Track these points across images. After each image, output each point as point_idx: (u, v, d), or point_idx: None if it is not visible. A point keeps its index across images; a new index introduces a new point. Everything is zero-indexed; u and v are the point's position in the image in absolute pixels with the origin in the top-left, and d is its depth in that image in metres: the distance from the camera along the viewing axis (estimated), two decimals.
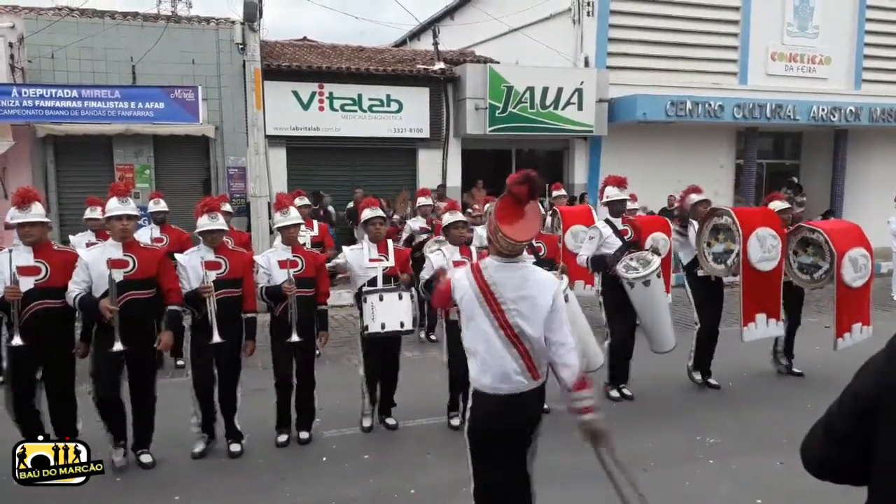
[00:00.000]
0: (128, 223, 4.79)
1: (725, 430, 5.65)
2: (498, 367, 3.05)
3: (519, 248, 3.11)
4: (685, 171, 15.15)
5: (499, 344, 3.05)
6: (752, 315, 6.31)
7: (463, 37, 19.15)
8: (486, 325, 3.06)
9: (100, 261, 4.62)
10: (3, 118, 11.65)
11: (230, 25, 13.35)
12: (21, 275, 4.46)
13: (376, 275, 5.42)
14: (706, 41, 16.41)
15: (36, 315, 4.50)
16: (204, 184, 13.64)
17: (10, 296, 4.40)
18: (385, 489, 4.61)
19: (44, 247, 4.67)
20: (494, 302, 3.03)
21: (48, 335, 4.55)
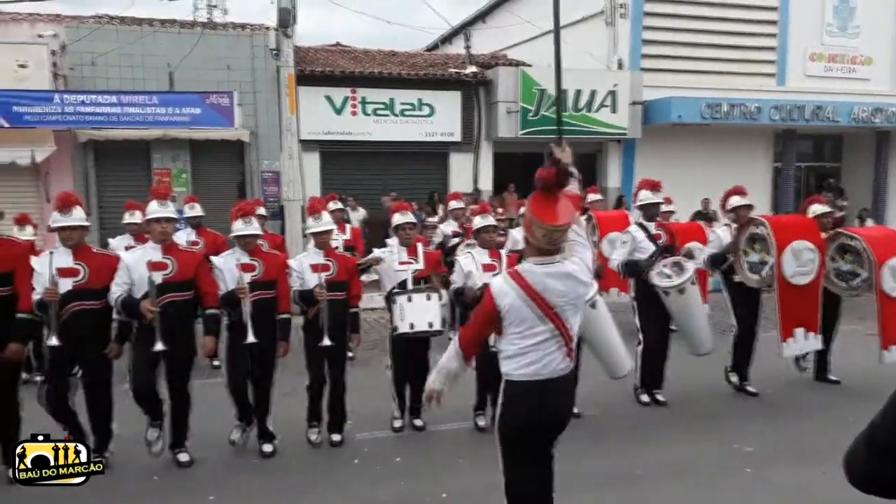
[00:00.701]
0: (167, 226, 4.90)
1: (762, 438, 5.52)
2: (545, 361, 3.13)
3: (558, 237, 3.08)
4: (721, 175, 14.91)
5: (552, 343, 3.12)
6: (790, 330, 6.14)
7: (495, 40, 19.13)
8: (539, 327, 3.10)
9: (140, 263, 4.75)
10: (46, 124, 11.96)
11: (264, 31, 13.55)
12: (61, 276, 4.58)
13: (406, 278, 5.46)
14: (743, 42, 16.16)
15: (74, 315, 4.63)
16: (239, 188, 13.84)
17: (48, 297, 4.52)
18: (416, 492, 4.60)
19: (83, 249, 4.79)
20: (547, 306, 3.08)
21: (85, 335, 4.66)
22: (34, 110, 11.79)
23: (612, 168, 15.99)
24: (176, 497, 4.60)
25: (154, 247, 4.87)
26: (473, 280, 5.41)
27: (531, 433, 3.21)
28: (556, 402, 3.20)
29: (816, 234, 6.24)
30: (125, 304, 4.67)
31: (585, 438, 5.50)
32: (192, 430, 5.17)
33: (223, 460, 5.15)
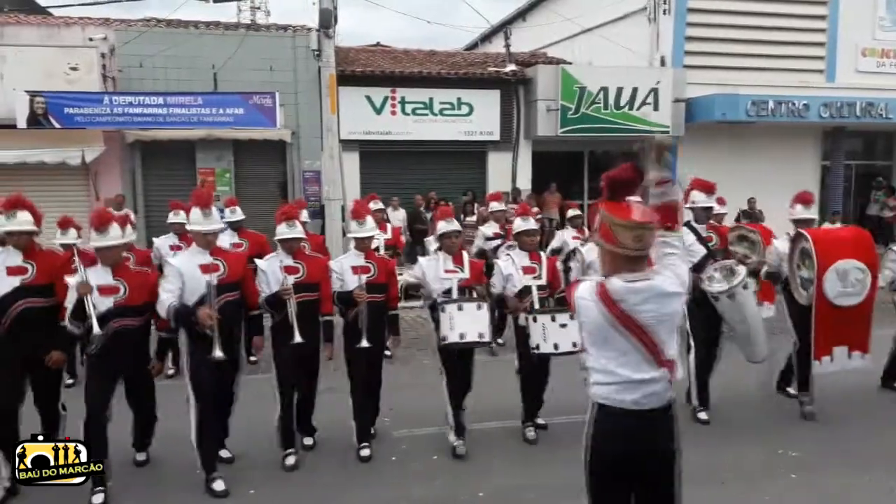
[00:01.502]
0: (212, 237, 4.86)
1: (808, 443, 5.39)
2: (640, 386, 2.76)
3: (648, 236, 2.75)
4: (766, 174, 14.60)
5: (646, 366, 2.76)
6: (828, 348, 5.69)
7: (535, 38, 19.04)
8: (626, 346, 2.77)
9: (191, 266, 4.67)
10: (96, 125, 12.31)
11: (306, 32, 13.73)
12: (102, 294, 4.45)
13: (451, 286, 5.31)
14: (791, 38, 15.76)
15: (115, 333, 4.46)
16: (280, 187, 14.04)
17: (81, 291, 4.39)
18: (452, 490, 4.61)
19: (121, 266, 4.65)
20: (637, 326, 2.74)
21: (125, 352, 4.56)
22: (84, 111, 12.14)
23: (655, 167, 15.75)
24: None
25: (200, 250, 4.81)
26: (513, 283, 5.37)
27: (617, 470, 2.82)
28: (649, 436, 2.79)
29: (867, 251, 5.75)
30: (179, 312, 4.51)
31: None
32: (232, 427, 5.26)
33: (262, 456, 5.22)
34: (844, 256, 5.57)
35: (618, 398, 2.76)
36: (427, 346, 8.44)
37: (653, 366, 2.75)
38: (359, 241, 5.36)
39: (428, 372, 7.55)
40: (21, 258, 4.64)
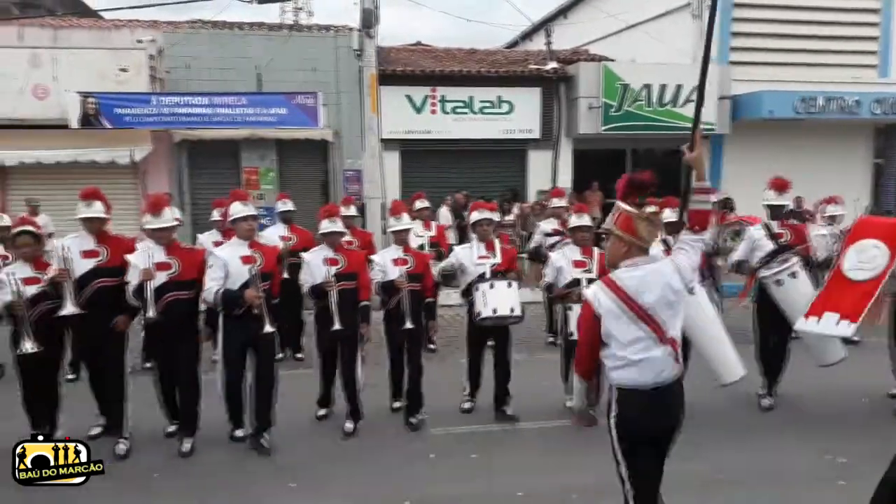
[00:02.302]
0: (253, 223, 5.33)
1: (858, 448, 5.22)
2: (652, 365, 3.14)
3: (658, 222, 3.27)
4: (816, 172, 14.22)
5: (653, 346, 3.13)
6: (819, 310, 5.66)
7: (576, 36, 18.88)
8: (636, 331, 3.13)
9: (234, 257, 5.18)
10: (144, 125, 12.64)
11: (348, 32, 13.85)
12: (158, 270, 5.05)
13: (485, 271, 5.80)
14: (841, 32, 15.30)
15: (168, 304, 5.05)
16: (322, 186, 14.21)
17: (144, 277, 4.98)
18: (491, 490, 4.61)
19: (174, 246, 5.23)
20: (641, 310, 3.11)
21: (177, 322, 5.11)
22: (133, 112, 12.47)
23: None
24: (260, 482, 4.78)
25: (241, 242, 5.26)
26: (564, 276, 5.63)
27: (642, 439, 3.22)
28: (671, 407, 3.22)
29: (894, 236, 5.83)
30: (226, 296, 5.05)
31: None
32: (279, 420, 5.36)
33: (304, 449, 5.31)
34: (870, 237, 5.73)
35: (636, 379, 3.14)
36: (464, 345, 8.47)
37: (658, 345, 3.12)
38: (396, 234, 5.94)
39: (463, 371, 7.56)
40: (94, 242, 5.18)
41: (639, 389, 3.14)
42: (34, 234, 5.15)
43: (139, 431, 5.44)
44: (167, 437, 5.47)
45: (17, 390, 5.07)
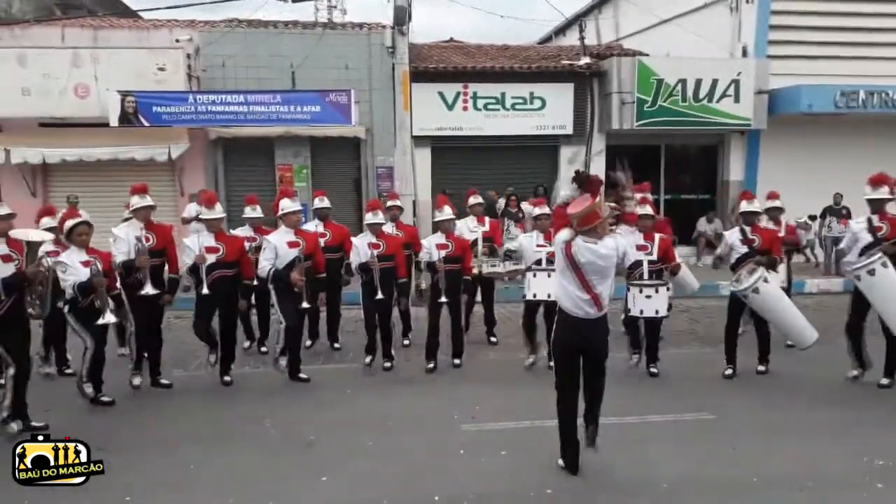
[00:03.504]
0: (298, 216, 7.12)
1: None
2: (576, 301, 4.54)
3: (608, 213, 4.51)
4: (856, 168, 13.84)
5: (579, 290, 4.51)
6: None
7: (610, 30, 18.70)
8: (571, 279, 4.52)
9: (283, 242, 6.85)
10: (181, 123, 12.85)
11: (381, 30, 13.91)
12: (207, 252, 6.65)
13: (541, 257, 7.18)
14: (883, 24, 14.88)
15: (216, 279, 6.65)
16: (355, 183, 14.31)
17: (199, 261, 6.60)
18: (520, 486, 4.61)
19: (221, 233, 6.91)
20: (578, 269, 4.47)
21: (223, 293, 6.71)
22: (171, 110, 12.68)
23: (735, 161, 15.24)
24: (292, 476, 4.85)
25: (288, 231, 6.99)
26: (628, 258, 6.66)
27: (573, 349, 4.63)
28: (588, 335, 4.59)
29: None
30: (276, 276, 6.71)
31: (710, 441, 5.33)
32: (311, 413, 5.43)
33: (335, 444, 5.38)
34: None
35: (572, 309, 4.57)
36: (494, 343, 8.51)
37: (586, 293, 4.51)
38: (438, 223, 7.53)
39: (494, 367, 7.60)
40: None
41: (574, 316, 4.56)
42: (89, 224, 6.13)
43: (181, 433, 5.57)
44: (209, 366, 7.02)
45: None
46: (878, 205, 6.61)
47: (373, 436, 5.50)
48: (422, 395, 6.65)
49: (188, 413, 6.17)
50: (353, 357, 7.96)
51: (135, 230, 6.54)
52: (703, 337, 8.87)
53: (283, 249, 6.78)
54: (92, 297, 5.95)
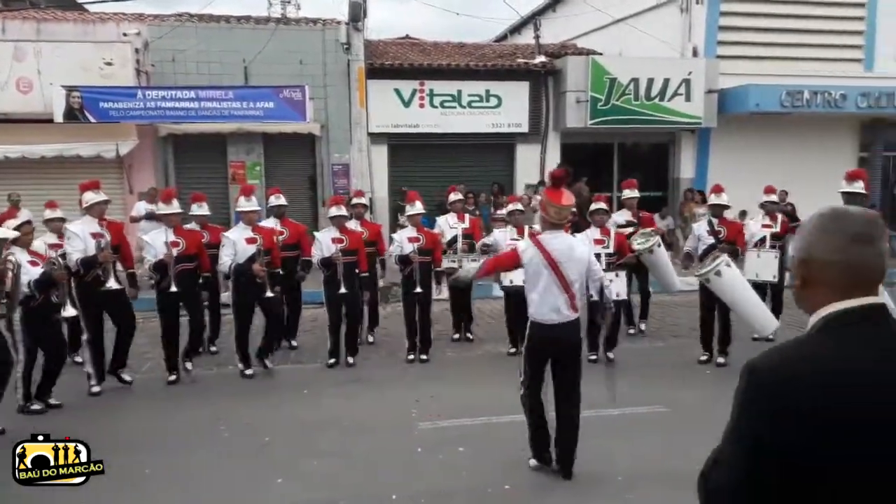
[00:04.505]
0: (253, 214, 7.24)
1: None
2: (553, 304, 4.50)
3: (565, 214, 4.62)
4: (802, 166, 14.32)
5: (556, 290, 4.49)
6: None
7: (565, 29, 18.87)
8: (548, 278, 4.48)
9: (241, 239, 6.99)
10: (130, 119, 12.51)
11: (336, 26, 13.75)
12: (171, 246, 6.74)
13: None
14: (827, 26, 15.38)
15: (179, 273, 6.73)
16: (310, 180, 14.14)
17: (167, 259, 6.67)
18: (479, 483, 4.62)
19: (179, 228, 7.01)
20: (555, 263, 4.46)
21: (186, 286, 6.79)
22: (118, 106, 12.34)
23: (686, 159, 15.55)
24: (246, 478, 4.77)
25: (246, 228, 7.11)
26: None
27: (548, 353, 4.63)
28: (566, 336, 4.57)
29: None
30: (237, 269, 6.90)
31: (664, 434, 5.41)
32: (266, 414, 5.34)
33: (291, 444, 5.31)
34: None
35: (547, 314, 4.53)
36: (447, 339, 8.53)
37: (563, 295, 4.48)
38: (410, 217, 7.74)
39: (454, 365, 7.62)
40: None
41: (546, 323, 4.51)
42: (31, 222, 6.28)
43: (134, 436, 5.42)
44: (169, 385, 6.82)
45: None
46: (852, 199, 6.74)
47: (329, 436, 5.46)
48: (380, 393, 6.62)
49: (140, 415, 6.04)
50: (310, 356, 7.88)
51: (90, 226, 6.47)
52: (655, 332, 9.03)
53: (241, 245, 6.96)
54: (49, 293, 5.87)
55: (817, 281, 1.46)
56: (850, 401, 1.31)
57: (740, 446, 1.39)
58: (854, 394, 1.32)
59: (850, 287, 1.42)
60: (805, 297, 1.50)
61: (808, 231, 1.49)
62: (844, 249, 1.42)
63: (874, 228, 1.44)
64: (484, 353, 8.14)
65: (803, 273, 1.48)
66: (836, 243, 1.43)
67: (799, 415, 1.32)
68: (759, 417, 1.36)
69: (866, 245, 1.43)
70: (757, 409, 1.37)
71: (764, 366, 1.40)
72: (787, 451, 1.32)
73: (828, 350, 1.39)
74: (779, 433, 1.33)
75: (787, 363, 1.39)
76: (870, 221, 1.45)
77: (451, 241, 8.26)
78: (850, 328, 1.40)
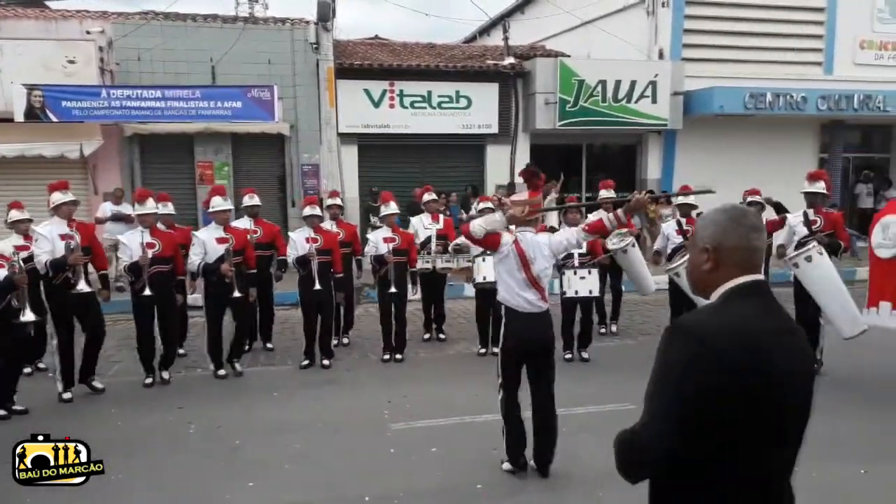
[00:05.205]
0: (228, 214, 7.23)
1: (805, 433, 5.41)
2: (522, 295, 4.62)
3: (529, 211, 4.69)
4: (764, 166, 14.62)
5: (525, 284, 4.62)
6: (876, 300, 6.35)
7: (533, 31, 19.00)
8: (518, 273, 4.62)
9: (211, 238, 6.96)
10: (94, 118, 12.28)
11: (304, 25, 13.66)
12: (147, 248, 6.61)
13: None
14: (789, 30, 15.74)
15: (154, 275, 6.63)
16: (279, 180, 14.03)
17: (142, 261, 6.56)
18: (451, 482, 4.65)
19: (155, 229, 6.85)
20: (525, 260, 4.61)
21: (161, 289, 6.68)
22: (82, 105, 12.11)
23: (652, 160, 15.77)
24: (218, 481, 4.74)
25: (218, 227, 7.05)
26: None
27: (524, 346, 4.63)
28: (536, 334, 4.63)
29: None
30: (206, 268, 6.88)
31: None
32: (237, 417, 5.30)
33: (262, 448, 5.28)
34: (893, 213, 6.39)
35: (518, 305, 4.62)
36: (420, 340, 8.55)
37: (532, 288, 4.61)
38: (385, 217, 7.76)
39: (425, 365, 7.64)
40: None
41: (520, 312, 4.61)
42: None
43: (102, 440, 5.33)
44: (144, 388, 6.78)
45: None
46: (813, 198, 7.06)
47: (301, 438, 5.44)
48: (352, 395, 6.61)
49: (108, 419, 5.94)
50: (281, 358, 7.84)
51: (58, 228, 6.34)
52: (625, 330, 9.15)
53: (211, 245, 6.91)
54: (9, 297, 5.76)
55: (727, 263, 1.81)
56: (760, 350, 1.67)
57: (671, 396, 1.68)
58: (761, 344, 1.68)
59: (748, 267, 1.81)
60: (713, 277, 1.83)
61: (718, 224, 1.84)
62: (747, 237, 1.81)
63: (761, 222, 1.88)
64: (456, 352, 8.18)
65: (715, 257, 1.82)
66: (741, 233, 1.81)
67: (721, 361, 1.63)
68: (687, 366, 1.65)
69: (760, 234, 1.83)
70: (686, 358, 1.66)
71: (690, 323, 1.74)
72: (711, 393, 1.62)
73: (736, 311, 1.75)
74: (704, 377, 1.63)
75: (708, 321, 1.74)
76: (759, 217, 1.91)
77: (424, 242, 8.28)
78: (748, 297, 1.77)
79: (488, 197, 9.33)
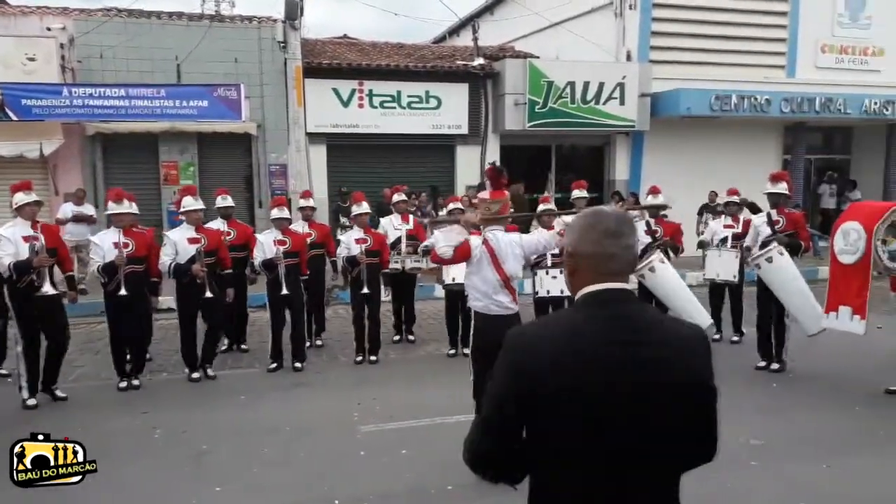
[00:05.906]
0: (200, 214, 7.06)
1: (769, 431, 5.51)
2: (494, 298, 4.68)
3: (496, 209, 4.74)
4: (730, 167, 14.85)
5: (498, 286, 4.68)
6: (835, 305, 6.35)
7: (502, 32, 19.06)
8: (490, 274, 4.67)
9: (183, 239, 6.83)
10: (55, 117, 11.99)
11: (272, 24, 13.51)
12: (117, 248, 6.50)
13: None
14: (753, 33, 16.01)
15: (128, 275, 6.48)
16: (246, 180, 13.84)
17: (119, 262, 6.43)
18: (422, 484, 4.62)
19: (128, 229, 6.71)
20: (496, 260, 4.66)
21: (134, 289, 6.53)
22: (42, 103, 11.82)
23: (620, 161, 15.92)
24: (184, 486, 4.64)
25: (189, 228, 6.93)
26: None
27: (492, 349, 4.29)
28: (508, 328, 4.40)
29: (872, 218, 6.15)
30: (177, 269, 6.72)
31: None
32: (203, 421, 5.21)
33: (229, 452, 5.19)
34: (851, 220, 6.34)
35: (489, 308, 4.70)
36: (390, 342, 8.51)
37: (504, 290, 4.67)
38: (356, 217, 7.71)
39: (395, 366, 7.60)
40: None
41: (490, 315, 4.68)
42: None
43: None
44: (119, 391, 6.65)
45: None
46: (774, 199, 7.17)
47: (269, 442, 5.36)
48: (321, 397, 6.54)
49: (71, 425, 5.76)
50: (249, 360, 7.73)
51: (22, 229, 6.15)
52: None
53: (182, 245, 6.80)
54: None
55: (582, 268, 1.75)
56: (576, 362, 1.63)
57: (490, 402, 1.77)
58: (583, 355, 1.63)
59: (605, 273, 1.71)
60: (573, 282, 1.80)
61: (575, 229, 1.79)
62: (601, 242, 1.72)
63: (622, 226, 1.74)
64: (426, 354, 8.15)
65: (572, 263, 1.78)
66: (594, 238, 1.73)
67: (528, 372, 1.65)
68: (506, 374, 1.70)
69: (615, 239, 1.71)
70: (504, 367, 1.71)
71: (515, 332, 1.77)
72: (525, 405, 1.65)
73: (566, 321, 1.75)
74: (515, 385, 1.67)
75: (529, 332, 1.76)
76: (619, 220, 1.76)
77: (394, 243, 8.23)
78: (591, 306, 1.71)
79: (457, 197, 9.28)
